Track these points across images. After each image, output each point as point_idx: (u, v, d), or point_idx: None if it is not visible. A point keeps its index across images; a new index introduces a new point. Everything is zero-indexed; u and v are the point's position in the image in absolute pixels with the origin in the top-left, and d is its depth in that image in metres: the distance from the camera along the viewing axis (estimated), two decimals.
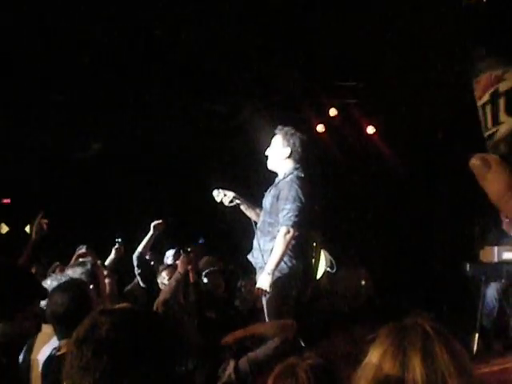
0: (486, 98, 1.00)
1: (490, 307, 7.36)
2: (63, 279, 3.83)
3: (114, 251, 6.33)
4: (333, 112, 9.51)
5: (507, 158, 0.99)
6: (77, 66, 7.46)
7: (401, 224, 9.61)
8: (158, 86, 8.36)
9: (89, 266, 4.33)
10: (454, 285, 8.12)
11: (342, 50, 8.06)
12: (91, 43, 7.26)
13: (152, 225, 6.27)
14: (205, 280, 5.75)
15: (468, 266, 7.30)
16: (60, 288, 3.52)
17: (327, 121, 9.57)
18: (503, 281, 7.22)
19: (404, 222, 9.59)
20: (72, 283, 3.73)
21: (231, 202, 5.27)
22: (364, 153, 9.78)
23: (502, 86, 0.98)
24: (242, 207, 5.37)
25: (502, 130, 0.99)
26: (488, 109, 1.00)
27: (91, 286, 4.15)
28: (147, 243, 6.28)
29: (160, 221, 6.30)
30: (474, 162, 1.02)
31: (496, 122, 0.99)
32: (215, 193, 5.31)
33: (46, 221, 4.62)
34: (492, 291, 7.37)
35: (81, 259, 4.80)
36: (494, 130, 0.99)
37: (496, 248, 7.35)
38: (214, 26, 7.37)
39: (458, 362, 1.72)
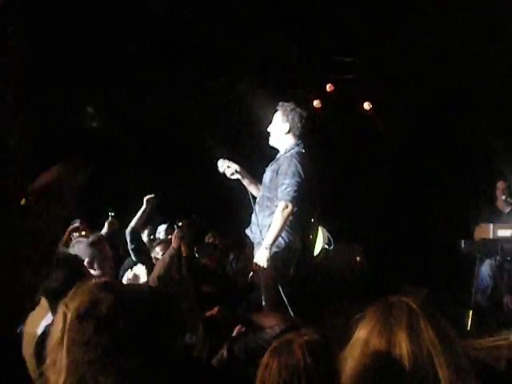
0: None
1: (485, 284, 7.40)
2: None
3: (106, 225, 6.30)
4: (329, 87, 9.47)
5: None
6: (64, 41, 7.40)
7: (396, 200, 9.61)
8: (153, 61, 8.30)
9: (95, 239, 4.33)
10: (449, 262, 8.14)
11: (339, 25, 8.00)
12: (83, 20, 7.21)
13: (145, 199, 6.24)
14: (196, 255, 5.75)
15: (463, 242, 7.33)
16: (57, 263, 3.52)
17: (324, 96, 9.53)
18: (498, 258, 7.25)
19: (399, 198, 9.59)
20: (67, 259, 3.73)
21: (232, 174, 5.26)
22: (360, 128, 9.75)
23: None
24: (244, 182, 5.36)
25: None
26: None
27: (96, 262, 4.15)
28: (140, 218, 6.24)
29: (153, 195, 6.26)
30: None
31: None
32: (220, 162, 5.29)
33: None
34: (486, 268, 7.41)
35: (76, 234, 4.79)
36: None
37: (491, 225, 7.37)
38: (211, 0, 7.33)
39: (444, 337, 1.75)
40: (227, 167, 5.25)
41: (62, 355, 1.68)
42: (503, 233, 7.28)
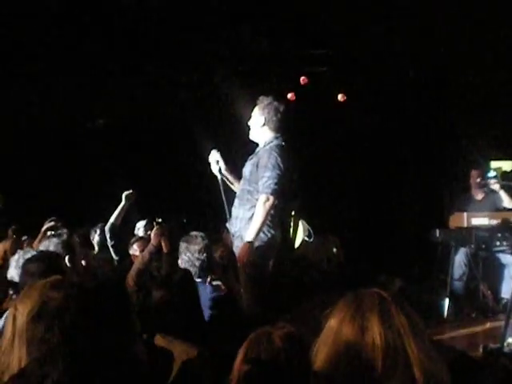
0: None
1: (460, 272, 7.46)
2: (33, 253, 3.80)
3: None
4: (303, 80, 9.47)
5: None
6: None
7: (371, 190, 9.65)
8: (125, 56, 8.25)
9: (65, 237, 4.30)
10: (424, 251, 8.20)
11: (311, 16, 8.01)
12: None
13: (123, 195, 6.20)
14: None
15: (438, 231, 7.39)
16: (33, 258, 3.51)
17: (297, 89, 9.53)
18: (472, 246, 7.31)
19: (374, 188, 9.63)
20: (45, 254, 3.72)
21: (218, 171, 5.26)
22: (334, 120, 9.77)
23: None
24: (227, 181, 5.37)
25: None
26: None
27: (67, 258, 4.14)
28: (119, 214, 6.20)
29: (131, 190, 6.22)
30: None
31: None
32: (213, 153, 5.28)
33: None
34: (461, 256, 7.47)
35: (51, 232, 4.75)
36: None
37: (465, 214, 7.44)
38: None
39: (413, 323, 1.79)
40: (216, 162, 5.26)
41: (14, 355, 1.70)
42: (477, 221, 7.35)
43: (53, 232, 5.00)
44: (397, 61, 8.67)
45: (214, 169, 5.29)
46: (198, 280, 4.26)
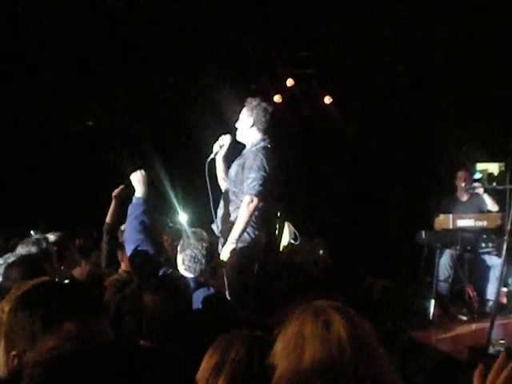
0: None
1: (446, 274, 7.49)
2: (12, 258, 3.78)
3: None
4: (290, 82, 9.49)
5: None
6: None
7: (357, 193, 9.68)
8: (112, 58, 8.23)
9: (44, 245, 4.25)
10: (410, 253, 8.23)
11: (298, 19, 8.02)
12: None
13: (113, 195, 6.13)
14: None
15: (423, 233, 7.41)
16: (15, 263, 3.48)
17: (284, 91, 9.55)
18: (458, 248, 7.34)
19: (360, 190, 9.66)
20: (27, 258, 3.69)
21: (215, 153, 5.24)
22: (321, 123, 9.79)
23: None
24: (218, 170, 5.34)
25: None
26: None
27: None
28: (112, 213, 6.11)
29: (120, 188, 6.13)
30: None
31: None
32: (226, 136, 5.22)
33: None
34: (447, 258, 7.50)
35: (35, 236, 4.68)
36: None
37: (451, 215, 7.47)
38: None
39: (368, 327, 1.80)
40: (221, 145, 5.24)
41: (1, 348, 1.73)
42: (463, 223, 7.38)
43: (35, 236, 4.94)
44: (384, 64, 8.69)
45: (215, 149, 5.26)
46: (200, 278, 4.17)
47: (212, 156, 5.24)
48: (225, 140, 5.24)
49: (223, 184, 5.35)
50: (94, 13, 7.39)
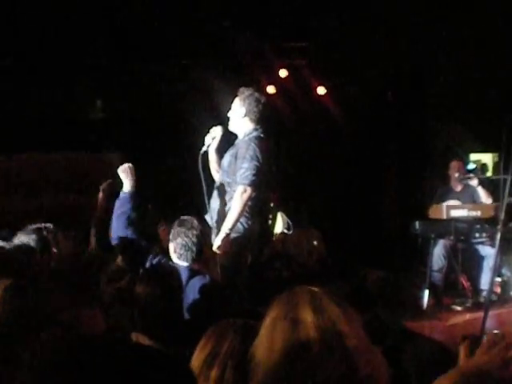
0: None
1: (439, 264, 7.50)
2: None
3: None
4: (283, 73, 9.46)
5: None
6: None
7: (351, 183, 9.67)
8: (104, 49, 8.20)
9: (43, 233, 4.24)
10: (404, 243, 8.24)
11: (291, 9, 7.99)
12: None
13: (101, 188, 6.11)
14: None
15: (417, 223, 7.42)
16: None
17: (277, 82, 9.52)
18: (452, 238, 7.35)
19: (354, 181, 9.65)
20: (18, 249, 3.67)
21: (208, 145, 5.23)
22: (315, 113, 9.77)
23: None
24: (210, 162, 5.33)
25: None
26: None
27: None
28: (100, 207, 6.10)
29: (108, 182, 6.11)
30: None
31: None
32: (218, 127, 5.23)
33: None
34: (441, 248, 7.51)
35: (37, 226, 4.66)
36: None
37: (444, 205, 7.48)
38: None
39: (347, 312, 1.79)
40: (213, 137, 5.23)
41: None
42: (456, 213, 7.40)
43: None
44: (377, 53, 8.68)
45: (207, 141, 5.25)
46: (193, 266, 4.16)
47: (204, 148, 5.23)
48: (216, 132, 5.23)
49: (217, 176, 5.34)
50: (86, 5, 7.36)
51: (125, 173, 4.58)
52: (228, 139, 5.34)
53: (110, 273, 4.79)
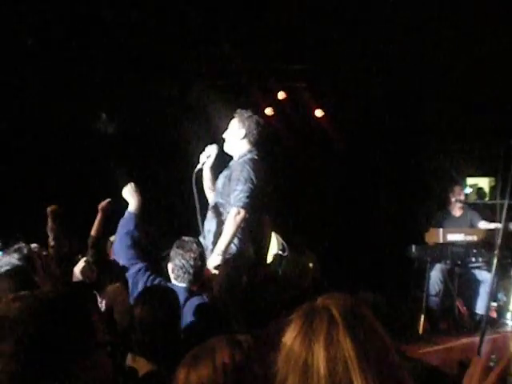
0: None
1: (436, 288, 7.48)
2: None
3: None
4: (281, 95, 9.48)
5: None
6: None
7: (347, 206, 9.67)
8: (103, 69, 8.21)
9: (25, 252, 4.21)
10: (400, 267, 8.21)
11: (290, 32, 8.02)
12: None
13: (99, 207, 6.10)
14: None
15: (413, 247, 7.41)
16: (5, 274, 3.48)
17: (275, 104, 9.54)
18: (448, 262, 7.34)
19: (351, 203, 9.65)
20: (17, 269, 3.68)
21: (202, 163, 5.23)
22: (312, 136, 9.79)
23: None
24: (204, 180, 5.33)
25: None
26: None
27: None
28: (98, 226, 6.08)
29: (106, 201, 6.10)
30: None
31: None
32: (213, 146, 5.26)
33: None
34: (437, 272, 7.49)
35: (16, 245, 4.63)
36: None
37: (441, 229, 7.47)
38: (161, 7, 7.27)
39: (364, 348, 1.67)
40: (208, 156, 5.23)
41: None
42: (453, 237, 7.38)
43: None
44: (374, 77, 8.71)
45: (202, 159, 5.26)
46: (191, 287, 4.14)
47: (199, 166, 5.24)
48: (211, 150, 5.24)
49: (210, 194, 5.34)
50: (86, 23, 7.38)
51: (129, 192, 4.59)
52: (223, 159, 5.34)
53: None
